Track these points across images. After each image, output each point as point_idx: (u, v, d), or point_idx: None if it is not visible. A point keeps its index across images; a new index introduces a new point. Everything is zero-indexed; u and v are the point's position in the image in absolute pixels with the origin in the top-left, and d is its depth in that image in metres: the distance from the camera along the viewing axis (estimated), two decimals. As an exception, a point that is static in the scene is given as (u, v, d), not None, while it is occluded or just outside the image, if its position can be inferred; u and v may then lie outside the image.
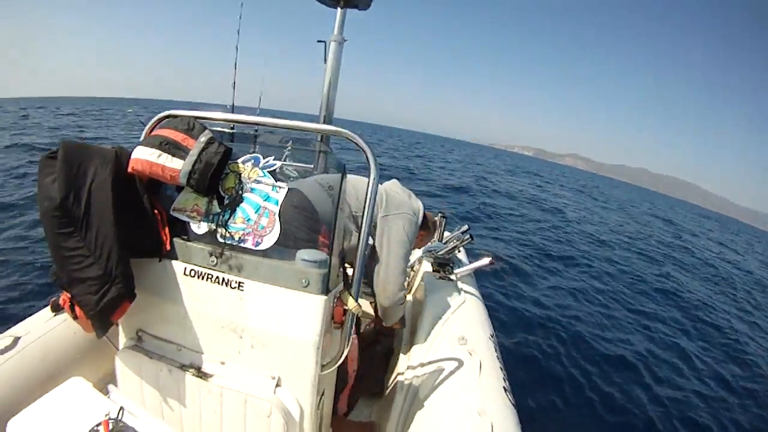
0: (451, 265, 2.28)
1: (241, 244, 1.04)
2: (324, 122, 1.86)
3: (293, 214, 1.08)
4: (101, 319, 0.99)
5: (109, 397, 1.14)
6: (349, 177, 1.42)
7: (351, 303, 1.06)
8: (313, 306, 1.00)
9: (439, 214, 2.85)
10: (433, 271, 2.24)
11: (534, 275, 5.86)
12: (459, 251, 2.55)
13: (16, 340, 1.26)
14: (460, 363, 1.46)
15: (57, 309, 1.34)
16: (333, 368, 1.12)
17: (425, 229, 1.82)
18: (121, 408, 1.06)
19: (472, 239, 2.39)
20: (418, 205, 1.72)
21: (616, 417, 3.03)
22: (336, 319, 1.07)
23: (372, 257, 1.59)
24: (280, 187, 1.06)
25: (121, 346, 1.17)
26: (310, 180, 1.40)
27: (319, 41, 1.98)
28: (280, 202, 1.05)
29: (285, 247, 1.05)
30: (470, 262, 2.40)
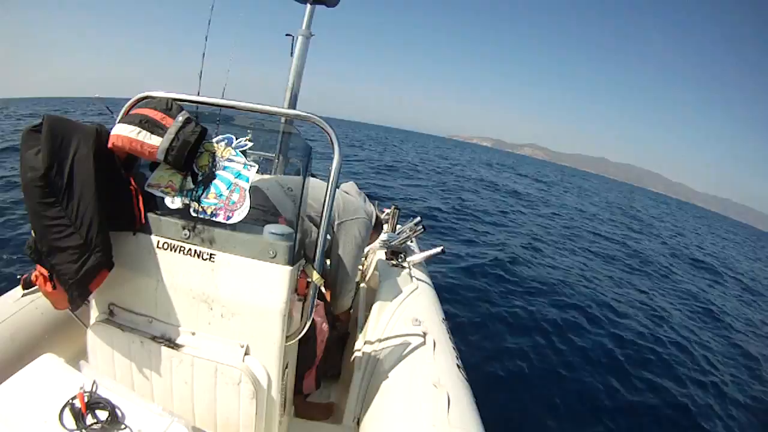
0: (404, 253, 2.38)
1: (213, 218, 1.10)
2: (291, 104, 1.96)
3: (253, 213, 1.15)
4: (80, 288, 1.03)
5: (81, 372, 1.17)
6: (318, 185, 1.55)
7: (314, 275, 1.13)
8: (280, 275, 1.06)
9: (393, 207, 2.96)
10: (387, 259, 2.33)
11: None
12: (412, 241, 2.67)
13: None
14: (415, 342, 1.54)
15: (28, 286, 1.35)
16: (295, 340, 1.16)
17: (376, 229, 1.99)
18: (94, 382, 1.09)
19: (425, 230, 2.51)
20: (371, 208, 1.88)
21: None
22: (299, 291, 1.13)
23: (329, 256, 1.72)
24: (251, 165, 1.13)
25: (92, 322, 1.19)
26: (272, 180, 1.50)
27: (287, 35, 2.08)
28: (250, 179, 1.11)
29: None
30: (422, 251, 2.51)
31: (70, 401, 1.00)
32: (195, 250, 1.10)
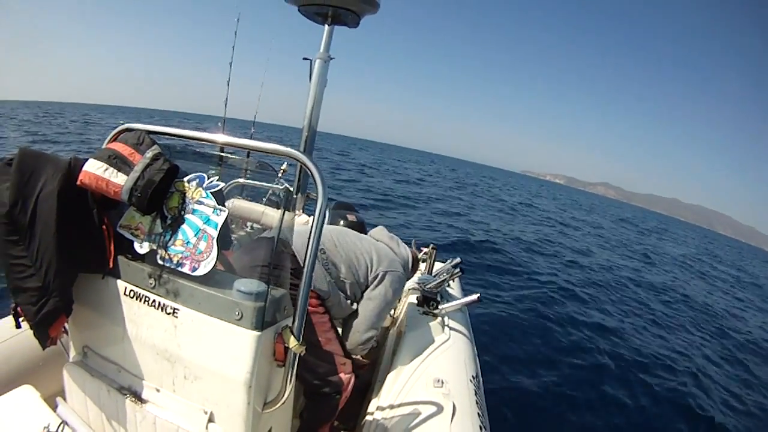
0: (438, 299, 2.10)
1: (179, 268, 0.98)
2: (307, 137, 1.81)
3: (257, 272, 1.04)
4: (39, 331, 0.99)
5: (56, 411, 1.13)
6: (345, 238, 1.60)
7: (292, 342, 0.96)
8: (245, 341, 0.91)
9: (431, 246, 2.70)
10: (418, 305, 2.09)
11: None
12: (449, 285, 2.40)
13: None
14: (433, 407, 1.36)
15: (16, 315, 1.36)
16: (276, 408, 1.02)
17: (413, 268, 1.83)
18: (62, 423, 1.04)
19: (462, 272, 2.25)
20: (406, 253, 1.73)
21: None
22: (277, 357, 0.98)
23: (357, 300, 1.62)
24: (221, 210, 0.99)
25: (68, 362, 1.15)
26: (303, 240, 1.38)
27: (304, 59, 1.93)
28: (219, 226, 0.98)
29: (233, 272, 0.99)
30: (464, 296, 2.25)
31: None
32: (159, 302, 0.99)
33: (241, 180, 1.94)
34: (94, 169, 1.00)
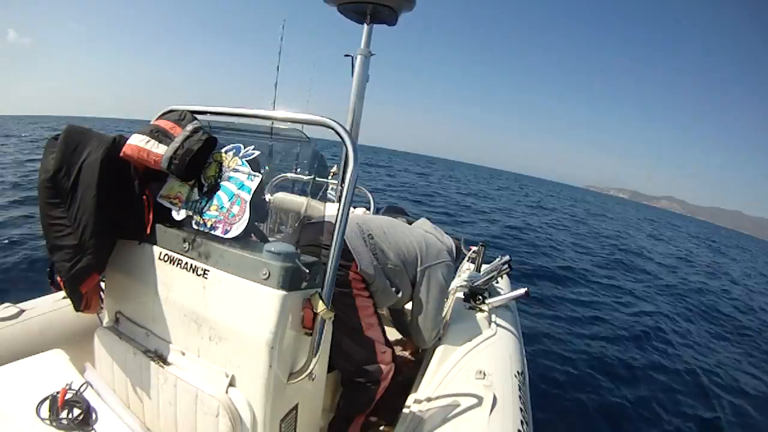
0: (485, 294, 2.08)
1: (212, 232, 1.03)
2: (351, 132, 1.87)
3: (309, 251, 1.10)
4: (71, 287, 1.05)
5: (83, 375, 1.16)
6: (395, 227, 1.64)
7: (320, 306, 0.97)
8: (271, 301, 0.93)
9: (480, 244, 2.70)
10: (464, 300, 2.07)
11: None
12: (498, 281, 2.35)
13: (21, 312, 1.35)
14: (473, 398, 1.32)
15: (51, 273, 1.41)
16: (301, 380, 1.01)
17: (456, 258, 1.86)
18: (86, 383, 1.08)
19: (511, 269, 2.21)
20: (450, 243, 1.76)
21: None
22: (306, 323, 0.99)
23: (413, 303, 1.66)
24: (255, 176, 1.05)
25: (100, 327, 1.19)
26: (352, 224, 1.46)
27: (346, 55, 2.04)
28: (252, 190, 1.03)
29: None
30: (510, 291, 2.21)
31: (54, 394, 1.01)
32: (191, 265, 1.03)
33: (289, 175, 1.98)
34: (136, 141, 1.08)
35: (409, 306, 1.73)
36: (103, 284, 1.19)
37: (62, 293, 1.49)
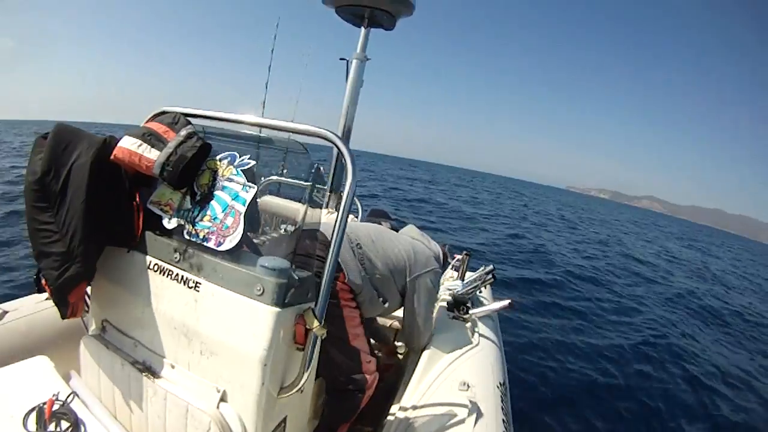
0: (468, 305, 2.07)
1: (205, 243, 1.00)
2: (343, 138, 1.84)
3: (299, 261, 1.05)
4: (59, 296, 1.01)
5: (69, 383, 1.13)
6: (383, 235, 1.61)
7: (314, 323, 0.95)
8: (264, 318, 0.91)
9: (464, 253, 2.68)
10: (448, 309, 2.06)
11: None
12: (481, 291, 2.36)
13: (4, 313, 1.31)
14: (457, 409, 1.33)
15: (38, 281, 1.37)
16: (292, 394, 0.99)
17: (443, 267, 1.87)
18: (72, 393, 1.05)
19: (495, 279, 2.21)
20: (438, 249, 1.76)
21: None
22: (297, 339, 0.97)
23: (404, 311, 1.68)
24: (250, 187, 1.01)
25: (86, 335, 1.16)
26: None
27: (341, 59, 1.99)
28: (247, 202, 1.00)
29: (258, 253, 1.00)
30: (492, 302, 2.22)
31: (41, 405, 0.98)
32: (182, 276, 1.00)
33: (275, 177, 1.94)
34: (128, 144, 1.03)
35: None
36: (88, 289, 1.16)
37: (46, 294, 1.46)
